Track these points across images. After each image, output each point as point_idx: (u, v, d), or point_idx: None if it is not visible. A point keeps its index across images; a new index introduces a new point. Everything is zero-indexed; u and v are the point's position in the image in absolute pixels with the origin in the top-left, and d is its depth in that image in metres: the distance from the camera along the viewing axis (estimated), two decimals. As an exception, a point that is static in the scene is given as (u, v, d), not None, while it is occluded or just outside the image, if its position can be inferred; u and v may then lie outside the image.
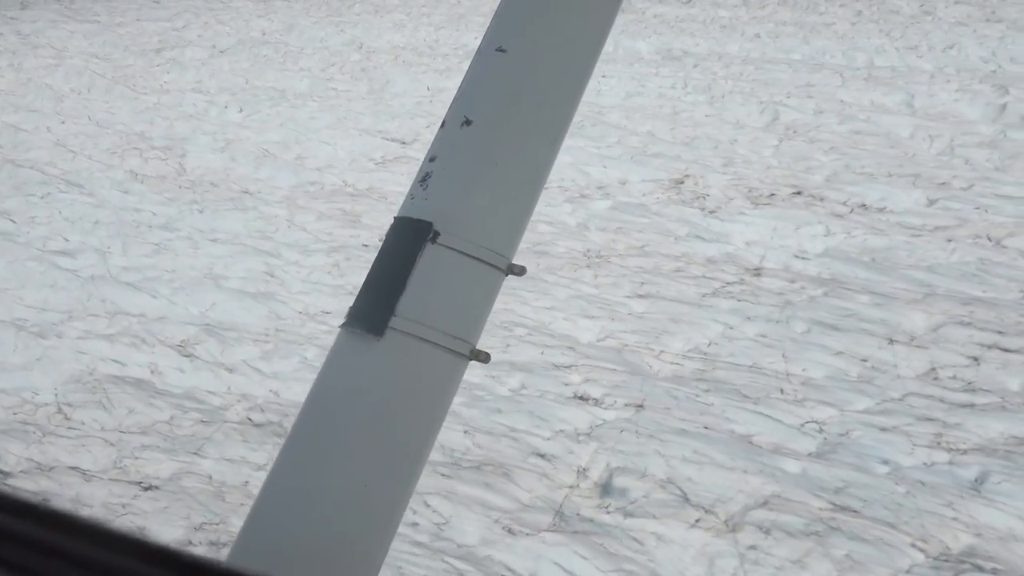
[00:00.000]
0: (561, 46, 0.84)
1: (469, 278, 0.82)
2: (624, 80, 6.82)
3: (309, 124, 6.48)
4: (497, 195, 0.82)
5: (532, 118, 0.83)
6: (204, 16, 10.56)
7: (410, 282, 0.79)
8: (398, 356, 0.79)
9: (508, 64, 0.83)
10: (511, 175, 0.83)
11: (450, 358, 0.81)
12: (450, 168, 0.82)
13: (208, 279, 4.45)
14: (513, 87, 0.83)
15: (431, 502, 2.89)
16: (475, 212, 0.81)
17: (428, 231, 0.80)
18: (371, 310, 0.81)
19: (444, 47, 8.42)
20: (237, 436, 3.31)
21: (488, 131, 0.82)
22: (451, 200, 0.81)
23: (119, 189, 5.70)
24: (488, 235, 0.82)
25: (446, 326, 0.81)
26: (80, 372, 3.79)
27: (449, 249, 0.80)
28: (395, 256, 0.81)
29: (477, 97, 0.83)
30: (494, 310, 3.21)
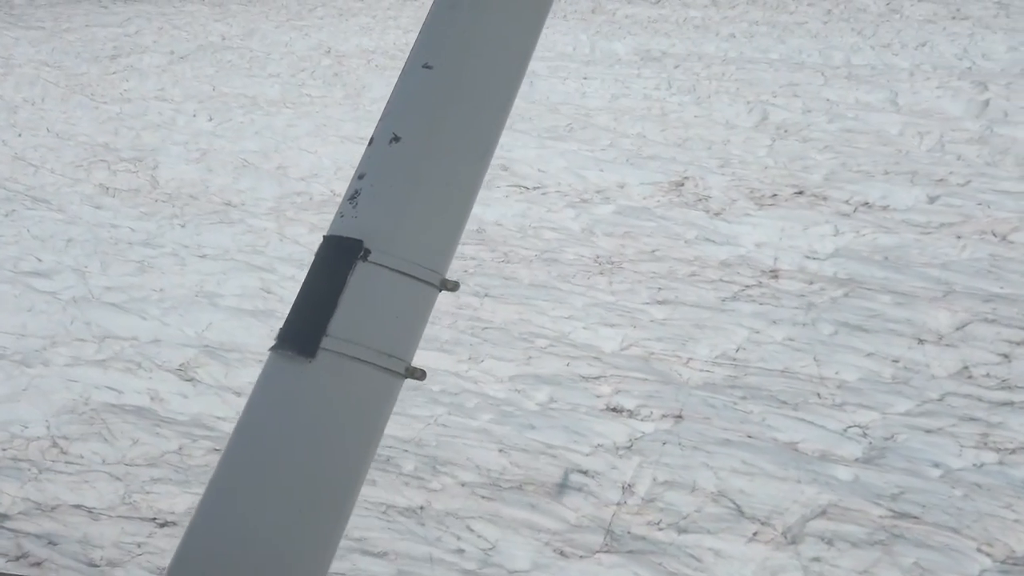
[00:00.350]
0: (487, 61, 0.84)
1: (402, 295, 0.81)
2: (607, 82, 6.79)
3: (287, 132, 6.28)
4: (428, 211, 0.82)
5: (460, 134, 0.83)
6: (157, 21, 10.21)
7: (341, 301, 0.78)
8: (331, 377, 0.78)
9: (435, 80, 0.83)
10: (441, 191, 0.82)
11: (385, 377, 0.81)
12: (380, 185, 0.82)
13: (201, 297, 4.25)
14: (440, 103, 0.83)
15: (474, 526, 2.77)
16: (406, 229, 0.81)
17: (358, 249, 0.80)
18: (302, 331, 0.79)
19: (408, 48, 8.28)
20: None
21: (417, 147, 0.82)
22: (381, 217, 0.81)
23: (90, 204, 5.42)
24: (420, 251, 0.81)
25: (380, 345, 0.80)
26: (73, 402, 3.56)
27: (380, 267, 0.80)
28: (325, 275, 0.80)
29: (405, 114, 0.83)
30: (512, 321, 3.12)
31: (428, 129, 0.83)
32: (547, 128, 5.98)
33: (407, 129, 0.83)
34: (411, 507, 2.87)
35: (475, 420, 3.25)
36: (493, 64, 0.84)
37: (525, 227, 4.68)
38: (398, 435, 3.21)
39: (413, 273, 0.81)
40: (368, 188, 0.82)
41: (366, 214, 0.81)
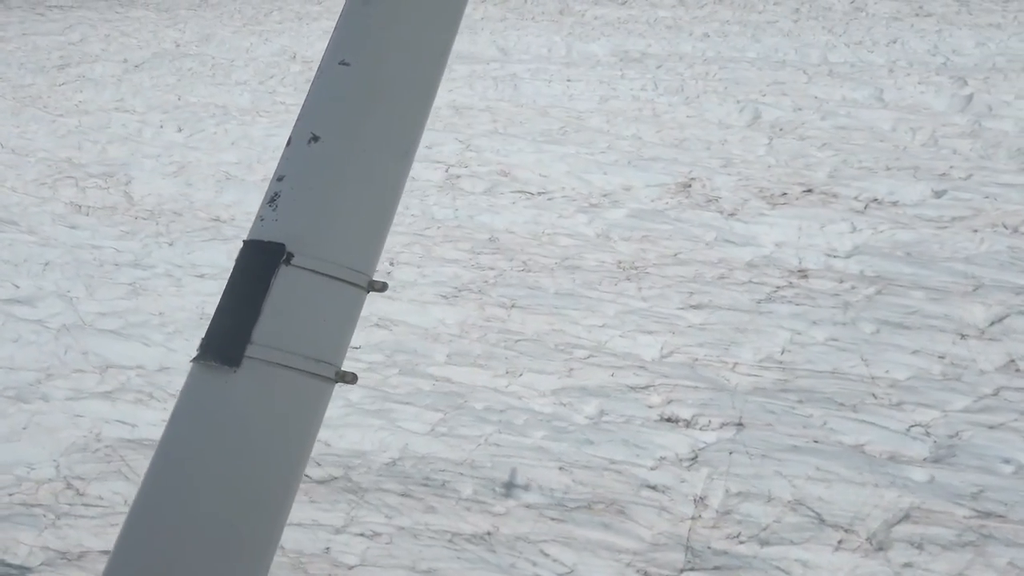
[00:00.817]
0: (405, 56, 0.83)
1: (328, 298, 0.80)
2: (592, 84, 6.75)
3: (267, 142, 6.05)
4: (351, 211, 0.81)
5: (381, 131, 0.82)
6: (103, 28, 9.78)
7: (265, 307, 0.77)
8: (258, 386, 0.77)
9: (353, 77, 0.82)
10: (364, 190, 0.82)
11: (315, 383, 0.79)
12: (300, 187, 0.80)
13: (206, 320, 4.02)
14: (359, 100, 0.82)
15: (549, 550, 2.67)
16: (329, 230, 0.80)
17: (281, 253, 0.78)
18: (225, 340, 0.78)
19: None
20: (301, 496, 2.97)
21: (337, 147, 0.81)
22: (303, 219, 0.80)
23: (64, 224, 5.12)
24: (345, 253, 0.81)
25: (308, 350, 0.79)
26: (83, 439, 3.32)
27: (305, 270, 0.79)
28: (247, 281, 0.79)
29: (323, 112, 0.82)
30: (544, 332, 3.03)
31: (348, 127, 0.81)
32: (540, 132, 5.91)
33: (326, 128, 0.81)
34: (478, 533, 2.75)
35: (528, 438, 3.14)
36: (411, 59, 0.83)
37: (539, 234, 4.59)
38: (449, 457, 3.08)
39: (339, 275, 0.79)
40: (288, 190, 0.80)
41: (287, 217, 0.79)
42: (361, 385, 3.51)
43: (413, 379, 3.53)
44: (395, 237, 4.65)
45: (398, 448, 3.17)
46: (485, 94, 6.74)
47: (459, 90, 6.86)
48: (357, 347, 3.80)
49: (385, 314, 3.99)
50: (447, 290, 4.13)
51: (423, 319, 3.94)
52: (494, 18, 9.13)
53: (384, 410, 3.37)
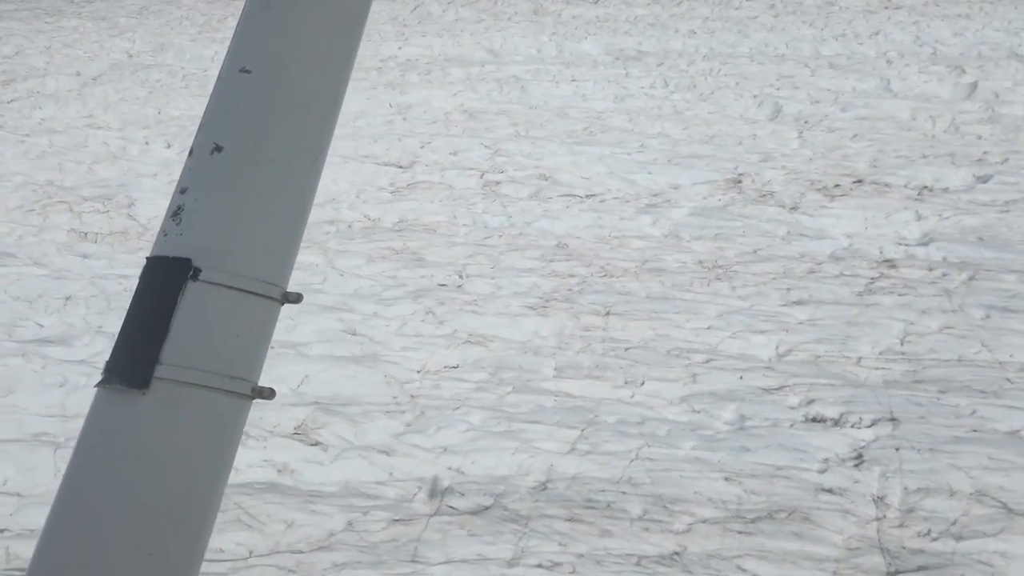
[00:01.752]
0: (309, 62, 0.81)
1: (240, 313, 0.78)
2: (600, 83, 6.73)
3: (276, 155, 5.75)
4: (260, 222, 0.79)
5: (287, 139, 0.81)
6: (38, 40, 9.15)
7: (173, 326, 0.75)
8: (169, 408, 0.75)
9: (255, 85, 0.80)
10: (272, 200, 0.80)
11: (230, 400, 0.78)
12: (204, 199, 0.79)
13: (278, 348, 3.77)
14: (263, 108, 0.80)
15: (746, 565, 2.59)
16: (238, 243, 0.78)
17: (187, 268, 0.76)
18: (131, 362, 0.76)
19: (364, 60, 7.87)
20: (456, 530, 2.79)
21: (242, 156, 0.79)
22: (209, 233, 0.78)
23: (73, 253, 4.71)
24: (255, 265, 0.79)
25: (221, 367, 0.77)
26: (183, 489, 3.03)
27: (213, 285, 0.77)
28: (153, 300, 0.77)
29: (226, 122, 0.80)
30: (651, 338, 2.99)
31: (251, 136, 0.79)
32: (566, 133, 5.83)
33: (229, 138, 0.79)
34: (664, 554, 2.65)
35: (679, 449, 3.05)
36: (315, 64, 0.81)
37: (606, 237, 4.51)
38: (603, 476, 2.96)
39: (250, 288, 0.78)
40: (192, 203, 0.78)
41: (192, 231, 0.78)
42: (480, 406, 3.35)
43: (531, 396, 3.39)
44: (455, 248, 4.49)
45: (542, 470, 3.03)
46: (492, 96, 6.62)
47: (463, 93, 6.72)
48: (455, 366, 3.63)
49: (473, 329, 3.83)
50: (532, 300, 4.00)
51: (516, 332, 3.80)
52: (469, 20, 9.01)
53: (513, 431, 3.21)
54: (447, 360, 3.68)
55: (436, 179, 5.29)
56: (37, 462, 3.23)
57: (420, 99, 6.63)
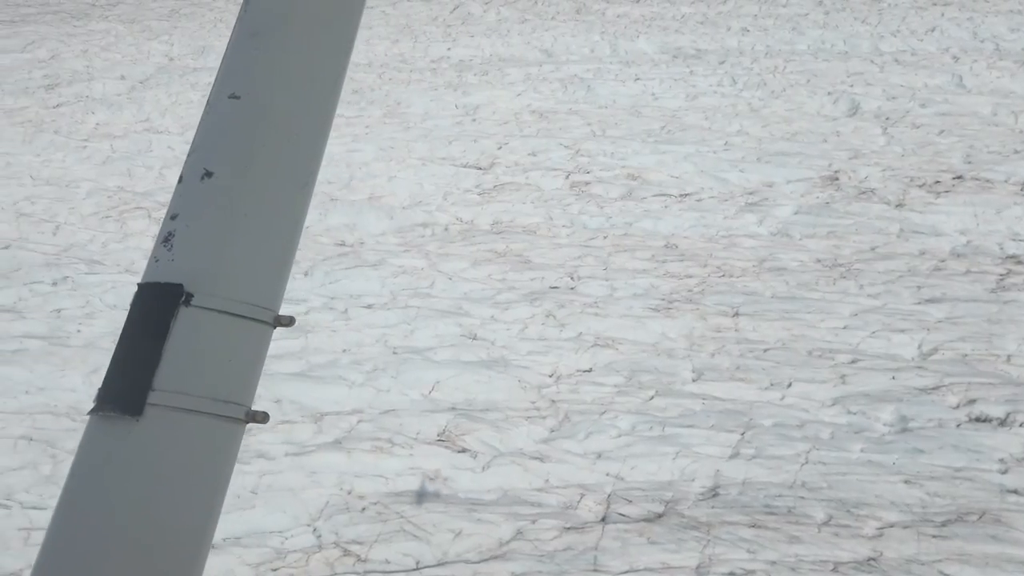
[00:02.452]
0: (297, 87, 0.83)
1: (233, 337, 0.79)
2: (666, 81, 6.69)
3: (351, 158, 5.68)
4: (251, 247, 0.80)
5: (277, 163, 0.82)
6: (72, 44, 9.04)
7: (166, 351, 0.76)
8: (164, 434, 0.76)
9: (244, 110, 0.82)
10: (263, 224, 0.81)
11: (224, 425, 0.79)
12: (195, 225, 0.80)
13: (405, 354, 3.70)
14: (252, 133, 0.81)
15: (948, 569, 2.54)
16: (229, 267, 0.79)
17: (180, 294, 0.77)
18: (125, 388, 0.76)
19: (415, 61, 7.82)
20: (635, 537, 2.73)
21: (231, 181, 0.80)
22: (201, 258, 0.79)
23: (163, 260, 4.62)
24: (247, 289, 0.80)
25: (214, 392, 0.78)
26: (336, 497, 2.97)
27: (206, 310, 0.78)
28: (145, 325, 0.78)
29: (215, 147, 0.82)
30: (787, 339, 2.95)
31: (241, 161, 0.81)
32: (644, 132, 5.79)
33: (219, 163, 0.80)
34: (859, 559, 2.59)
35: (849, 452, 3.00)
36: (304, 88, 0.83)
37: (714, 237, 4.46)
38: (774, 480, 2.91)
39: (242, 313, 0.78)
40: (183, 228, 0.79)
41: (184, 256, 0.78)
42: (626, 411, 3.29)
43: (677, 400, 3.34)
44: (561, 250, 4.43)
45: (708, 475, 2.97)
46: (557, 96, 6.57)
47: (526, 94, 6.67)
48: (588, 370, 3.58)
49: (598, 332, 3.77)
50: (653, 302, 3.95)
51: (643, 334, 3.74)
52: (513, 20, 8.96)
53: (667, 436, 3.16)
54: (578, 364, 3.62)
55: (521, 180, 5.23)
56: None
57: (484, 100, 6.58)
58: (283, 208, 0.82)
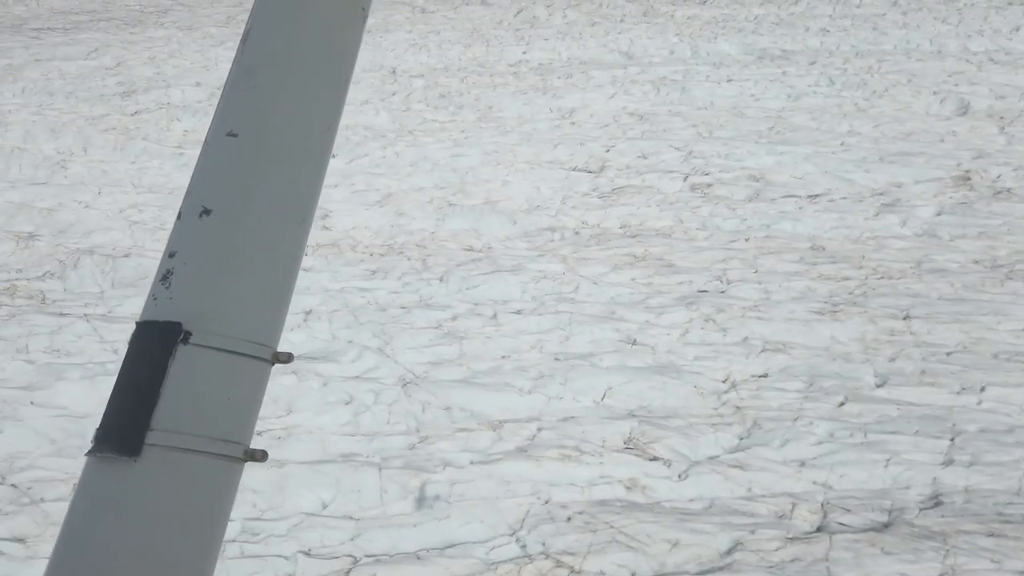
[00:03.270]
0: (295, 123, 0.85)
1: (231, 375, 0.80)
2: (762, 82, 6.64)
3: (456, 163, 5.64)
4: (249, 284, 0.81)
5: (275, 200, 0.83)
6: (135, 50, 9.03)
7: (164, 390, 0.76)
8: (161, 474, 0.76)
9: (241, 148, 0.83)
10: (261, 261, 0.82)
11: (222, 464, 0.79)
12: (193, 262, 0.81)
13: (569, 360, 3.63)
14: (250, 171, 0.83)
15: None
16: (227, 305, 0.80)
17: (178, 332, 0.78)
18: (122, 428, 0.76)
19: (492, 65, 7.78)
20: (866, 547, 2.65)
21: (229, 218, 0.81)
22: (199, 296, 0.80)
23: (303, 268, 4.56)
24: (245, 327, 0.80)
25: (212, 431, 0.78)
26: (536, 506, 2.90)
27: (204, 348, 0.78)
28: (143, 365, 0.78)
29: (213, 185, 0.83)
30: (969, 342, 2.85)
31: (239, 198, 0.82)
32: (754, 133, 5.73)
33: (217, 201, 0.81)
34: (1114, 570, 2.51)
35: (1069, 457, 2.93)
36: (301, 125, 0.85)
37: (859, 239, 4.40)
38: (999, 488, 2.83)
39: (241, 350, 0.79)
40: (181, 266, 0.80)
41: (182, 294, 0.79)
42: (822, 417, 3.22)
43: (870, 405, 3.27)
44: (702, 253, 4.36)
45: (924, 483, 2.89)
46: (651, 98, 6.52)
47: (619, 96, 6.62)
48: (763, 375, 3.51)
49: (765, 336, 3.70)
50: (815, 305, 3.88)
51: (814, 338, 3.67)
52: (581, 23, 8.94)
53: (871, 442, 3.08)
54: (751, 369, 3.55)
55: (639, 183, 5.17)
56: (360, 483, 3.09)
57: (577, 103, 6.53)
58: (281, 244, 0.82)
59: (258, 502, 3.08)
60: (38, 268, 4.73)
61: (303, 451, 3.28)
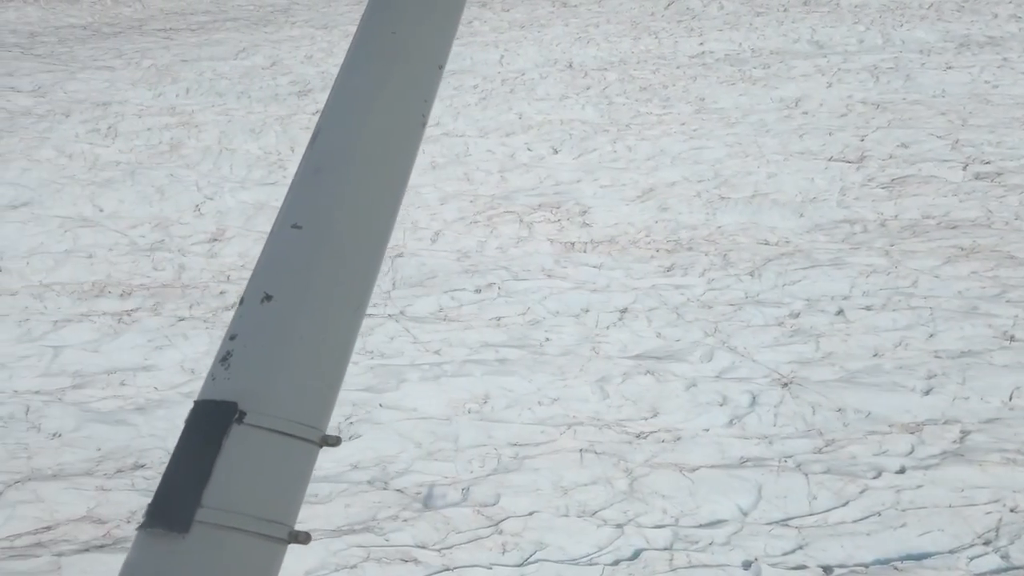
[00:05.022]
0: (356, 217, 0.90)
1: (281, 456, 0.82)
2: (988, 69, 6.45)
3: (700, 156, 5.50)
4: (304, 368, 0.85)
5: (334, 288, 0.88)
6: (283, 49, 9.02)
7: (216, 468, 0.78)
8: (208, 551, 0.77)
9: (304, 239, 0.89)
10: (317, 346, 0.86)
11: (266, 545, 0.80)
12: (252, 345, 0.85)
13: (960, 357, 3.47)
14: (311, 261, 0.88)
15: None
16: (282, 387, 0.83)
17: (233, 412, 0.81)
18: (174, 504, 0.79)
19: (674, 57, 7.65)
20: None
21: (289, 305, 0.86)
22: (256, 377, 0.83)
23: (574, 264, 4.45)
24: (298, 409, 0.83)
25: (260, 511, 0.80)
26: (1006, 516, 2.74)
27: (257, 428, 0.81)
28: (198, 442, 0.81)
29: (276, 273, 0.88)
30: None
31: (300, 286, 0.87)
32: (1011, 120, 5.54)
33: (278, 287, 0.87)
34: None
35: None
36: (362, 219, 0.91)
37: None
38: None
39: (292, 432, 0.82)
40: (241, 348, 0.85)
41: (239, 375, 0.84)
42: None
43: None
44: None
45: None
46: (874, 87, 6.35)
47: (837, 86, 6.46)
48: None
49: None
50: None
51: None
52: (743, 13, 8.79)
53: None
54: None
55: (914, 172, 5.00)
56: (784, 489, 2.95)
57: (797, 92, 6.38)
58: (337, 331, 0.87)
59: (669, 508, 2.96)
60: (303, 268, 4.65)
61: (700, 455, 3.15)
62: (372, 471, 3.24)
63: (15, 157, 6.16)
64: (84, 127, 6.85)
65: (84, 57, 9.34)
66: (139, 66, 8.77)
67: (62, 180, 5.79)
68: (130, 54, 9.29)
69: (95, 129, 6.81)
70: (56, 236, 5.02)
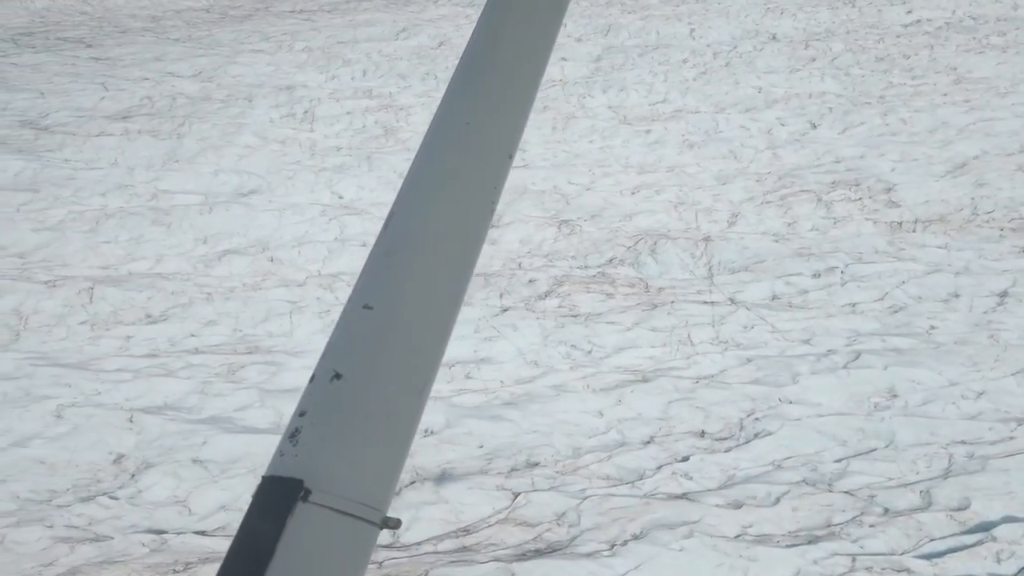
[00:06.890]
0: (425, 300, 0.94)
1: (343, 536, 0.84)
2: None
3: (992, 128, 5.23)
4: (369, 448, 0.88)
5: (400, 370, 0.91)
6: (443, 28, 8.87)
7: (280, 546, 0.81)
8: None
9: (374, 321, 0.92)
10: (382, 428, 0.89)
11: None
12: (320, 423, 0.88)
13: None
14: (380, 342, 0.91)
15: None
16: (347, 467, 0.86)
17: (299, 489, 0.84)
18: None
19: (888, 25, 7.36)
20: None
21: (358, 385, 0.89)
22: (322, 456, 0.86)
23: (912, 245, 4.23)
24: (361, 490, 0.86)
25: None
26: None
27: (321, 507, 0.83)
28: (264, 518, 0.83)
29: (346, 352, 0.91)
30: None
31: (369, 367, 0.90)
32: None
33: (348, 367, 0.90)
34: None
35: None
36: (430, 302, 0.94)
37: None
38: None
39: (355, 512, 0.84)
40: (309, 426, 0.87)
41: (307, 452, 0.86)
42: None
43: None
44: None
45: None
46: None
47: None
48: None
49: None
50: None
51: None
52: None
53: None
54: None
55: None
56: None
57: None
58: (402, 412, 0.90)
59: None
60: (597, 255, 4.48)
61: None
62: (801, 471, 3.06)
63: (219, 144, 6.08)
64: (277, 112, 6.76)
65: (229, 40, 9.28)
66: (292, 49, 8.69)
67: (290, 167, 5.68)
68: (278, 37, 9.22)
69: (290, 114, 6.71)
70: (320, 225, 4.90)
